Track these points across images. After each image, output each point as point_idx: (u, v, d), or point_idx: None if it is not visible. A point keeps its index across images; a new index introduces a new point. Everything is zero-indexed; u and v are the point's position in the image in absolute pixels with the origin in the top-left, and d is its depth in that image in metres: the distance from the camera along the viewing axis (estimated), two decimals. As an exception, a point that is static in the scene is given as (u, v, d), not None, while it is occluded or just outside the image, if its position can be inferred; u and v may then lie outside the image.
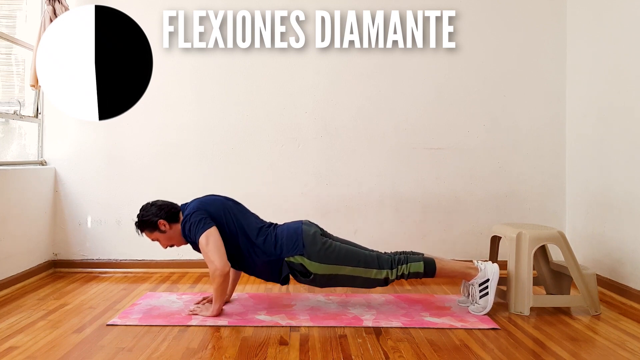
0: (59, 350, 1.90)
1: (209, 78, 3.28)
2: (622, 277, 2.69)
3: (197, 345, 1.96)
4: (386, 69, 3.28)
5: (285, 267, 2.30)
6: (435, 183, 3.28)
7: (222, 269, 2.21)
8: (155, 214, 2.33)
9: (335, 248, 2.32)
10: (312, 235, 2.32)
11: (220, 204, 2.38)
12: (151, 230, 2.36)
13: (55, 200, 3.27)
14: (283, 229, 2.38)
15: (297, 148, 3.28)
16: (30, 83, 2.99)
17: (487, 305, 2.33)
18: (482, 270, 2.37)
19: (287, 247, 2.30)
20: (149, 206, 2.37)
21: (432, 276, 2.37)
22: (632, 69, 2.64)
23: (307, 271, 2.28)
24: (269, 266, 2.32)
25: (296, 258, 2.28)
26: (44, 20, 2.97)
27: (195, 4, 3.25)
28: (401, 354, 1.88)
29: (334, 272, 2.29)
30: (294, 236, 2.32)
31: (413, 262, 2.34)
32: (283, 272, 2.32)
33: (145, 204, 2.40)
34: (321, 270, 2.28)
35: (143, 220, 2.35)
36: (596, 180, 2.95)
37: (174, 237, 2.38)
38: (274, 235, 2.34)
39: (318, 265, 2.28)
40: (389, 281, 2.34)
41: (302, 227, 2.36)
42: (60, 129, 3.28)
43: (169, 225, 2.34)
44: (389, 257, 2.36)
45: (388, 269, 2.32)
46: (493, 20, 3.30)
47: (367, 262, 2.32)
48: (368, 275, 2.32)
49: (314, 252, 2.28)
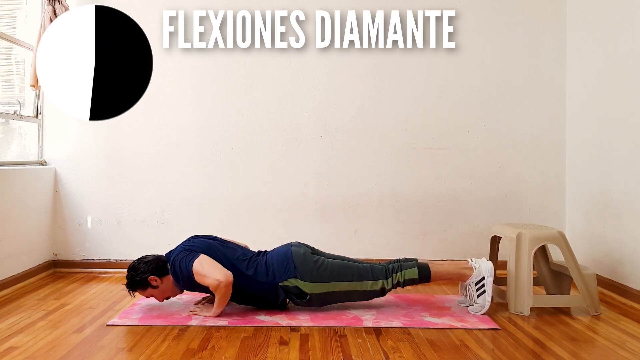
0: (59, 351, 1.90)
1: (209, 78, 3.28)
2: (622, 277, 2.69)
3: (197, 345, 1.96)
4: (386, 69, 3.27)
5: (281, 292, 2.31)
6: (435, 183, 3.28)
7: (226, 280, 2.21)
8: (145, 271, 2.31)
9: (328, 265, 2.32)
10: (303, 256, 2.32)
11: (204, 243, 2.37)
12: (144, 289, 2.34)
13: (55, 201, 3.27)
14: (272, 255, 2.38)
15: (297, 148, 3.28)
16: (30, 83, 2.98)
17: (485, 303, 2.33)
18: (476, 269, 2.38)
19: (279, 272, 2.30)
20: (137, 265, 2.35)
21: (428, 281, 2.38)
22: (633, 69, 2.64)
23: (302, 292, 2.29)
24: (264, 294, 2.33)
25: (290, 281, 2.29)
26: (44, 20, 2.97)
27: (195, 4, 3.25)
28: (401, 354, 1.88)
29: (329, 289, 2.31)
30: (284, 260, 2.32)
31: (407, 269, 2.36)
32: (279, 297, 2.32)
33: (131, 264, 2.37)
34: (317, 290, 2.29)
35: (134, 281, 2.33)
36: (596, 180, 2.95)
37: (168, 289, 2.37)
38: (264, 263, 2.34)
39: (313, 285, 2.28)
40: (386, 291, 2.36)
41: (292, 249, 2.36)
42: (60, 129, 3.28)
43: (160, 279, 2.33)
44: (383, 267, 2.37)
45: (383, 279, 2.34)
46: (493, 20, 3.30)
47: (361, 275, 2.33)
48: (364, 288, 2.33)
49: (306, 272, 2.29)
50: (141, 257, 2.39)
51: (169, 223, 3.26)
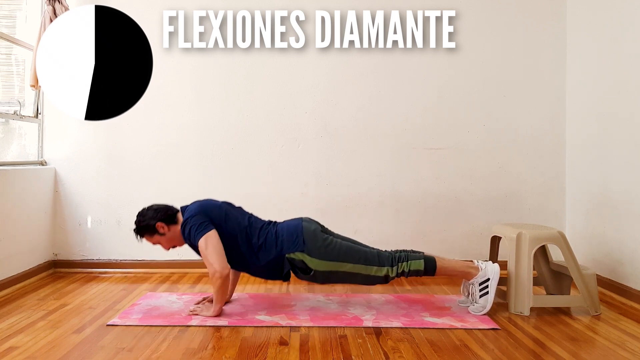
0: (59, 351, 1.90)
1: (209, 78, 3.28)
2: (622, 277, 2.69)
3: (197, 345, 1.96)
4: (386, 69, 3.28)
5: (287, 264, 2.30)
6: (435, 183, 3.28)
7: (222, 271, 2.21)
8: (152, 217, 2.33)
9: (336, 245, 2.32)
10: (313, 232, 2.32)
11: (219, 207, 2.39)
12: (151, 234, 2.36)
13: (55, 201, 3.27)
14: (283, 226, 2.38)
15: (297, 148, 3.28)
16: (30, 83, 2.98)
17: (486, 304, 2.33)
18: (482, 269, 2.37)
19: (287, 243, 2.30)
20: (145, 211, 2.38)
21: (433, 274, 2.36)
22: (633, 69, 2.64)
23: (307, 268, 2.28)
24: (270, 264, 2.32)
25: (297, 254, 2.28)
26: (44, 20, 2.97)
27: (195, 4, 3.25)
28: (401, 354, 1.88)
29: (334, 268, 2.29)
30: (294, 233, 2.32)
31: (414, 259, 2.34)
32: (284, 269, 2.32)
33: (141, 209, 2.40)
34: (322, 267, 2.28)
35: (141, 225, 2.35)
36: (596, 180, 2.95)
37: (175, 238, 2.38)
38: (274, 233, 2.34)
39: (318, 261, 2.28)
40: (389, 279, 2.34)
41: (303, 224, 2.36)
42: (60, 129, 3.28)
43: (167, 227, 2.35)
44: (390, 255, 2.36)
45: (388, 266, 2.32)
46: (493, 20, 3.30)
47: (368, 259, 2.32)
48: (368, 272, 2.32)
49: (314, 248, 2.28)
50: (151, 204, 2.41)
51: (169, 223, 3.26)
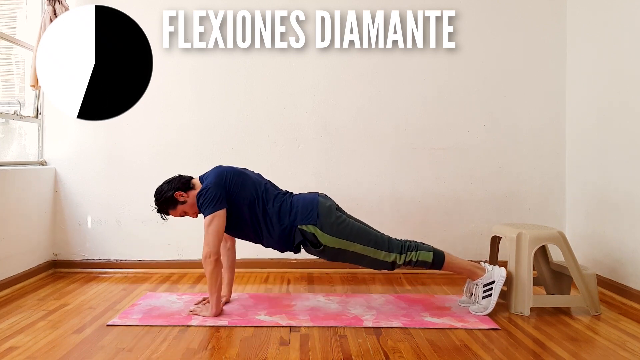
0: (59, 351, 1.90)
1: (209, 78, 3.28)
2: (622, 278, 2.69)
3: (197, 345, 1.97)
4: (386, 69, 3.27)
5: (298, 235, 2.30)
6: (435, 183, 3.28)
7: (213, 255, 2.23)
8: (169, 189, 2.33)
9: (349, 224, 2.32)
10: (328, 208, 2.32)
11: (237, 173, 2.37)
12: (174, 206, 2.36)
13: (55, 201, 3.27)
14: (299, 197, 2.38)
15: (297, 148, 3.28)
16: (30, 83, 2.98)
17: (488, 306, 2.34)
18: (489, 271, 2.38)
19: (301, 215, 2.30)
20: (159, 187, 2.38)
21: (439, 268, 2.36)
22: (633, 68, 2.64)
23: (318, 242, 2.28)
24: (282, 232, 2.32)
25: (309, 227, 2.28)
26: (44, 20, 2.97)
27: (195, 4, 3.25)
28: (401, 354, 1.88)
29: (344, 247, 2.29)
30: (309, 205, 2.32)
31: (423, 250, 2.34)
32: (296, 240, 2.31)
33: (156, 188, 2.39)
34: (332, 243, 2.28)
35: (161, 201, 2.35)
36: (596, 180, 2.95)
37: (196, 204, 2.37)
38: (289, 203, 2.34)
39: (329, 237, 2.27)
40: (396, 266, 2.33)
41: (319, 198, 2.36)
42: (60, 129, 3.28)
43: (186, 193, 2.34)
44: (400, 242, 2.35)
45: (397, 253, 2.32)
46: (493, 20, 3.30)
47: (378, 243, 2.32)
48: (376, 257, 2.31)
49: (327, 224, 2.28)
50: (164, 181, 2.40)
51: (168, 223, 3.26)
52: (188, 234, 3.21)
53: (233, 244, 2.59)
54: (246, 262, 3.18)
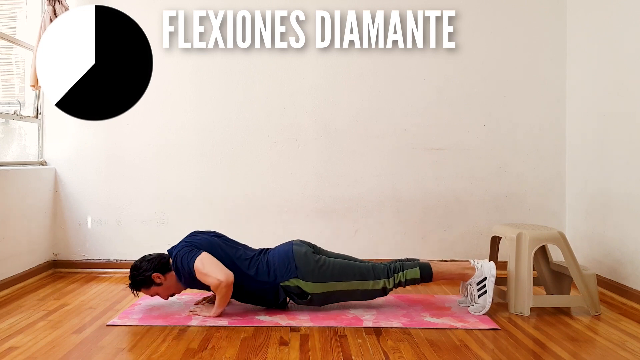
0: (59, 351, 1.90)
1: (209, 78, 3.28)
2: (622, 278, 2.69)
3: (197, 345, 1.97)
4: (386, 69, 3.27)
5: (282, 292, 2.31)
6: (435, 183, 3.28)
7: (227, 280, 2.20)
8: (147, 269, 2.31)
9: (329, 264, 2.32)
10: (304, 255, 2.32)
11: (206, 240, 2.36)
12: (148, 287, 2.34)
13: (55, 201, 3.27)
14: (274, 254, 2.37)
15: (297, 148, 3.28)
16: (30, 83, 2.98)
17: (486, 304, 2.34)
18: (478, 269, 2.38)
19: (280, 272, 2.30)
20: (139, 264, 2.35)
21: (430, 280, 2.38)
22: (633, 69, 2.64)
23: (303, 292, 2.29)
24: (265, 293, 2.33)
25: (291, 281, 2.29)
26: (44, 20, 2.97)
27: (195, 4, 3.25)
28: (401, 355, 1.88)
29: (331, 289, 2.31)
30: (285, 260, 2.31)
31: (409, 268, 2.36)
32: (280, 297, 2.32)
33: (133, 263, 2.37)
34: (318, 289, 2.29)
35: (137, 280, 2.33)
36: (596, 180, 2.95)
37: (171, 286, 2.36)
38: (265, 263, 2.34)
39: (314, 284, 2.28)
40: (387, 290, 2.36)
41: (293, 247, 2.36)
42: (60, 129, 3.28)
43: (163, 276, 2.33)
44: (385, 267, 2.37)
45: (385, 278, 2.34)
46: (493, 20, 3.30)
47: (363, 274, 2.33)
48: (365, 287, 2.33)
49: (308, 272, 2.28)
50: (143, 257, 2.39)
51: (169, 223, 3.26)
52: (188, 234, 3.21)
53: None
54: (246, 262, 3.18)
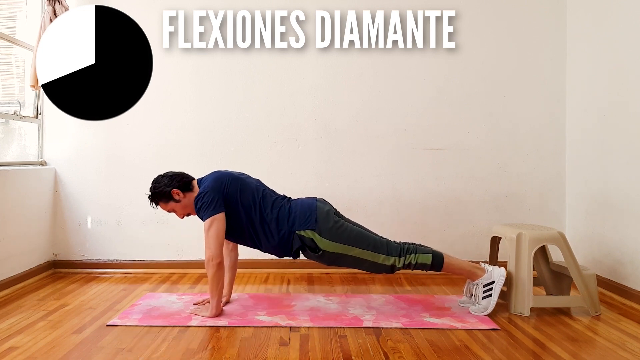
0: (59, 351, 1.90)
1: (209, 78, 3.28)
2: (622, 278, 2.69)
3: (197, 345, 1.97)
4: (386, 69, 3.27)
5: (297, 240, 2.30)
6: (435, 183, 3.28)
7: (215, 259, 2.22)
8: (168, 184, 2.33)
9: (347, 228, 2.32)
10: (326, 213, 2.32)
11: (235, 178, 2.37)
12: (166, 201, 2.35)
13: (55, 201, 3.27)
14: (297, 203, 2.38)
15: (297, 148, 3.28)
16: (30, 83, 2.98)
17: (488, 306, 2.34)
18: (488, 272, 2.38)
19: (299, 220, 2.30)
20: (161, 178, 2.37)
21: (439, 270, 2.36)
22: (632, 69, 2.64)
23: (316, 247, 2.28)
24: (281, 238, 2.32)
25: (307, 232, 2.28)
26: (44, 20, 2.97)
27: (195, 4, 3.25)
28: (401, 355, 1.88)
29: (342, 251, 2.30)
30: (307, 211, 2.32)
31: (422, 252, 2.35)
32: (294, 245, 2.31)
33: (157, 176, 2.39)
34: (330, 248, 2.28)
35: (156, 192, 2.35)
36: (596, 180, 2.95)
37: (189, 206, 2.36)
38: (287, 208, 2.34)
39: (328, 242, 2.28)
40: (396, 269, 2.34)
41: (317, 203, 2.36)
42: (60, 129, 3.28)
43: (183, 194, 2.34)
44: (399, 245, 2.36)
45: (396, 256, 2.32)
46: (493, 20, 3.30)
47: (377, 247, 2.32)
48: (375, 260, 2.32)
49: (325, 229, 2.28)
50: (166, 172, 2.40)
51: (168, 223, 3.26)
52: (188, 235, 3.21)
53: (235, 245, 2.59)
54: (246, 262, 3.17)
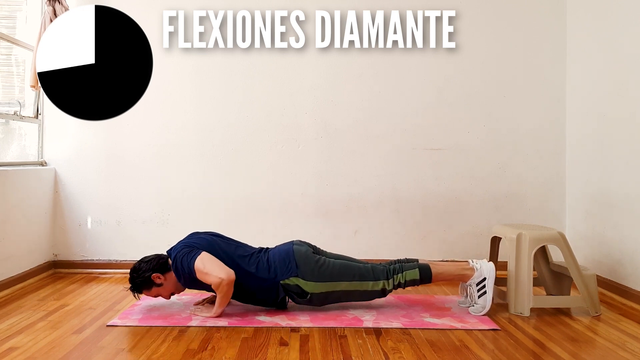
0: (59, 351, 1.90)
1: (209, 78, 3.28)
2: (622, 278, 2.69)
3: (197, 346, 1.97)
4: (386, 69, 3.27)
5: (282, 290, 2.31)
6: (435, 184, 3.28)
7: (228, 278, 2.21)
8: (147, 270, 2.32)
9: (329, 265, 2.33)
10: (305, 255, 2.33)
11: (205, 240, 2.37)
12: (149, 288, 2.35)
13: (55, 201, 3.27)
14: (275, 252, 2.38)
15: (297, 148, 3.28)
16: (30, 84, 2.98)
17: (486, 304, 2.34)
18: (478, 270, 2.38)
19: (280, 270, 2.30)
20: (138, 266, 2.35)
21: (429, 282, 2.39)
22: (633, 69, 2.63)
23: (303, 292, 2.30)
24: (265, 292, 2.33)
25: (291, 280, 2.29)
26: (44, 20, 2.97)
27: (195, 4, 3.24)
28: (401, 355, 1.88)
29: (330, 289, 2.31)
30: (286, 258, 2.32)
31: (408, 270, 2.36)
32: (279, 295, 2.32)
33: (133, 266, 2.37)
34: (318, 289, 2.29)
35: (137, 282, 2.33)
36: (596, 180, 2.95)
37: (171, 286, 2.37)
38: (265, 260, 2.34)
39: (314, 284, 2.29)
40: (387, 292, 2.37)
41: (293, 247, 2.36)
42: (60, 129, 3.28)
43: (163, 276, 2.33)
44: (384, 268, 2.38)
45: (384, 279, 2.34)
46: (493, 20, 3.29)
47: (363, 275, 2.33)
48: (365, 288, 2.33)
49: (308, 271, 2.29)
50: (141, 259, 2.40)
51: (169, 223, 3.26)
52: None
53: None
54: (246, 262, 3.18)
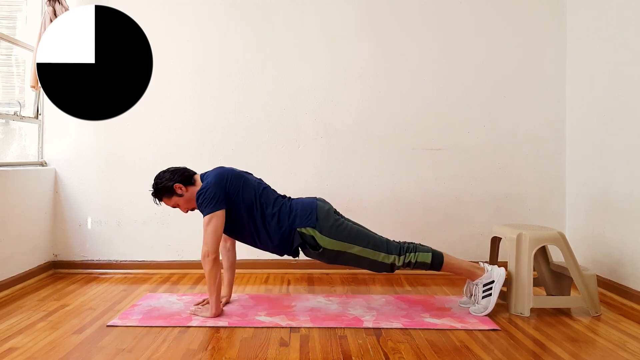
0: (59, 351, 1.90)
1: (209, 78, 3.28)
2: (622, 278, 2.69)
3: (197, 346, 1.97)
4: (386, 69, 3.27)
5: (297, 238, 2.31)
6: (435, 184, 3.28)
7: (212, 255, 2.23)
8: (170, 179, 2.34)
9: (347, 227, 2.33)
10: (326, 211, 2.34)
11: (238, 175, 2.38)
12: (169, 196, 2.36)
13: (55, 201, 3.27)
14: (298, 201, 2.39)
15: (297, 149, 3.28)
16: (30, 84, 2.98)
17: (488, 306, 2.34)
18: (488, 271, 2.38)
19: (300, 218, 2.31)
20: (162, 173, 2.38)
21: (439, 269, 2.37)
22: (632, 69, 2.64)
23: (317, 244, 2.29)
24: (281, 236, 2.33)
25: (308, 230, 2.29)
26: (44, 21, 2.97)
27: (195, 3, 3.24)
28: (401, 355, 1.88)
29: (343, 249, 2.30)
30: (308, 209, 2.33)
31: (421, 251, 2.35)
32: (295, 242, 2.32)
33: (159, 172, 2.40)
34: (331, 246, 2.29)
35: (159, 187, 2.36)
36: (596, 181, 2.95)
37: (192, 200, 2.37)
38: (288, 206, 2.35)
39: (328, 240, 2.29)
40: (395, 267, 2.34)
41: (317, 202, 2.38)
42: (60, 129, 3.28)
43: (185, 188, 2.35)
44: (398, 244, 2.36)
45: (396, 254, 2.33)
46: (493, 20, 3.30)
47: (377, 245, 2.33)
48: (375, 258, 2.32)
49: (326, 226, 2.29)
50: (167, 167, 2.41)
51: (169, 223, 3.26)
52: (188, 235, 3.21)
53: (233, 244, 2.59)
54: (246, 262, 3.18)
